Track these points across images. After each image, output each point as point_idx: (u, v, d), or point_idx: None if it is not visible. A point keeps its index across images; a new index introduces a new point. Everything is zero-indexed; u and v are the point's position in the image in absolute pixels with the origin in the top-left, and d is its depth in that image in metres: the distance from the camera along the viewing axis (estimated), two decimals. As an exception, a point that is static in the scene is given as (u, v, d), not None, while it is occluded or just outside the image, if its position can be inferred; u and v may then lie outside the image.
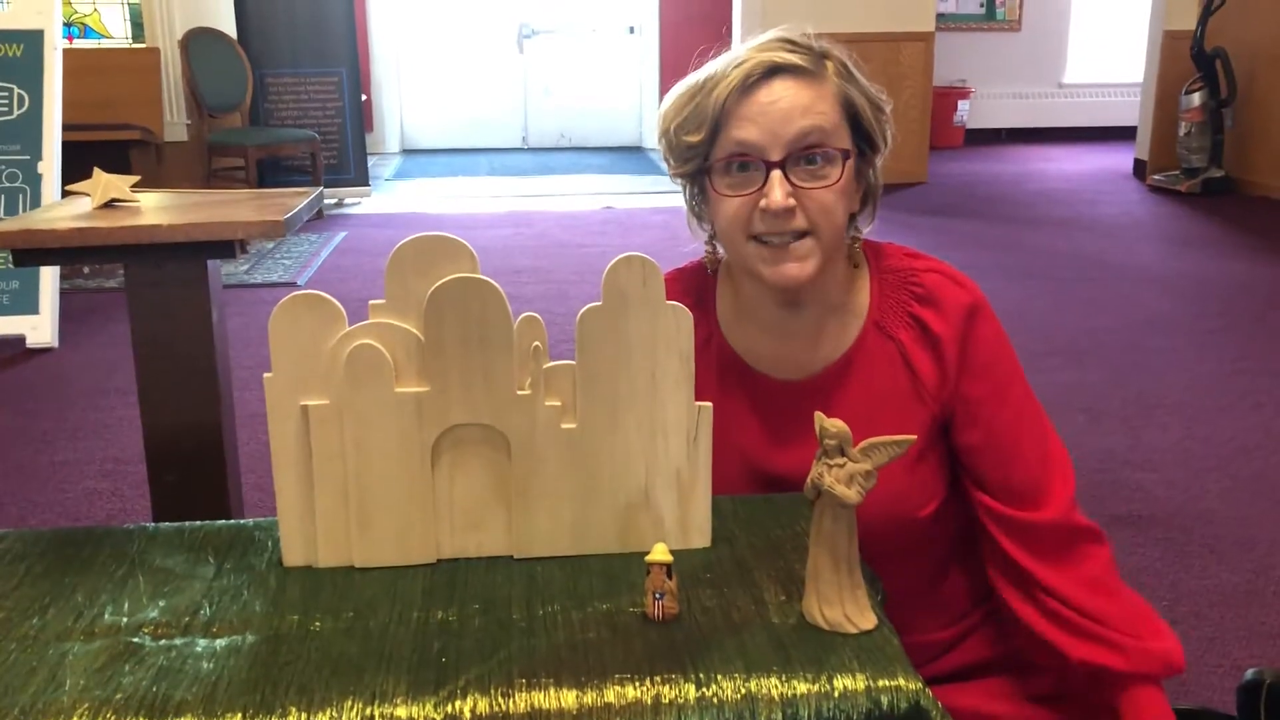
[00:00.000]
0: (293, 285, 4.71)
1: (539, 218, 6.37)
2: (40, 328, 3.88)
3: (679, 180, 1.23)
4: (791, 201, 1.12)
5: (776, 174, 1.11)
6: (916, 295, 1.22)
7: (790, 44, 1.15)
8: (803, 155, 1.12)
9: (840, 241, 1.19)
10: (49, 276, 3.91)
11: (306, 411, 1.01)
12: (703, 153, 1.16)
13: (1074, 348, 3.77)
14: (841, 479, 0.91)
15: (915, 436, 0.95)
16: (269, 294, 4.58)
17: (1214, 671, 1.90)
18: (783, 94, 1.12)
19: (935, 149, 8.30)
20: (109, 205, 1.40)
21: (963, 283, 1.22)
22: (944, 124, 9.05)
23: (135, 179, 1.44)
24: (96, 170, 1.41)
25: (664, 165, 1.24)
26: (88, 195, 1.42)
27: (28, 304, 3.88)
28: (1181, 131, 6.86)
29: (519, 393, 1.02)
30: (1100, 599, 1.16)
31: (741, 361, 1.27)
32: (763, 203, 1.12)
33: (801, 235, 1.14)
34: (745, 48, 1.15)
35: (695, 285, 1.29)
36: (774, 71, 1.13)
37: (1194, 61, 6.67)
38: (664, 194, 7.21)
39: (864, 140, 1.18)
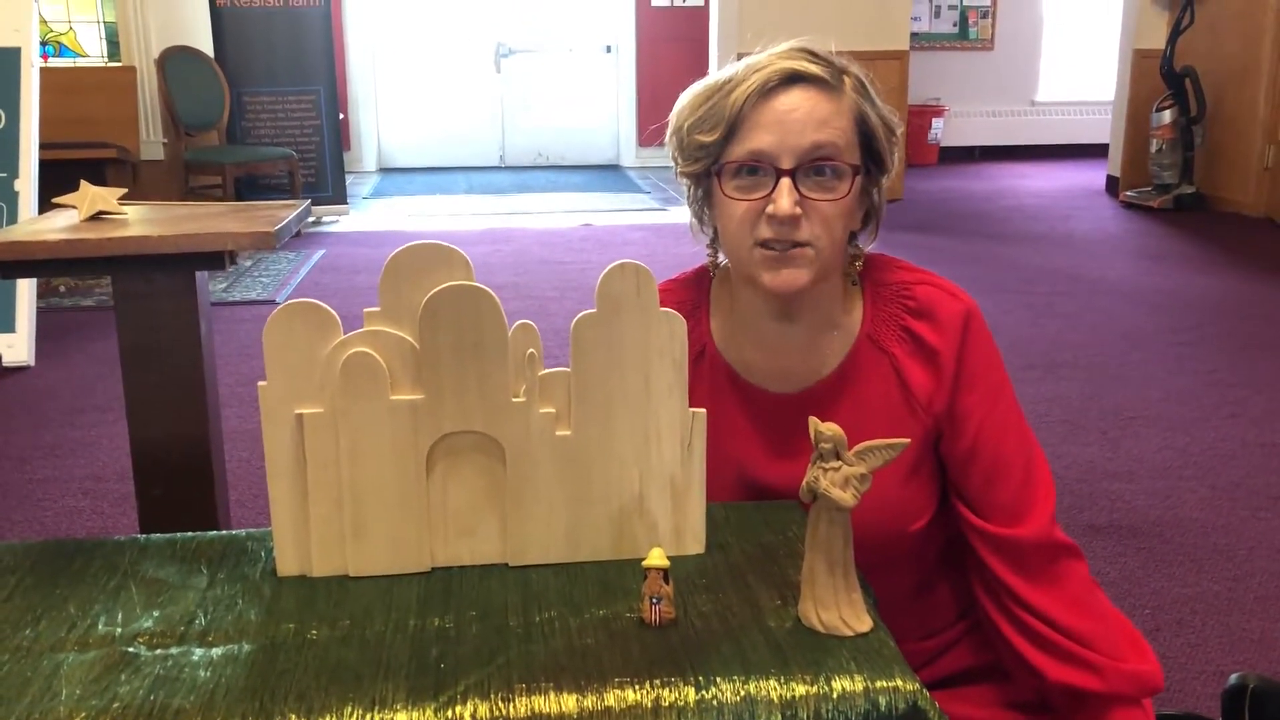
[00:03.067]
0: (272, 303, 4.69)
1: (517, 235, 6.37)
2: (16, 346, 3.84)
3: (684, 180, 1.23)
4: (798, 210, 1.12)
5: (786, 181, 1.12)
6: (909, 308, 1.23)
7: (812, 55, 1.15)
8: (813, 166, 1.13)
9: (838, 257, 1.19)
10: (25, 294, 3.88)
11: (301, 420, 1.01)
12: (714, 153, 1.16)
13: (1050, 361, 3.80)
14: (837, 482, 0.91)
15: (909, 440, 0.96)
16: (248, 311, 4.57)
17: (1197, 678, 1.92)
18: (800, 103, 1.13)
19: (910, 166, 8.39)
20: (96, 217, 1.40)
21: (956, 293, 1.23)
22: (918, 142, 9.13)
23: (122, 191, 1.44)
24: (83, 183, 1.41)
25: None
26: (74, 208, 1.42)
27: (4, 322, 3.85)
28: (1153, 148, 6.96)
29: (513, 400, 1.02)
30: (1081, 618, 1.17)
31: (735, 374, 1.27)
32: (769, 209, 1.12)
33: (802, 245, 1.14)
34: (767, 53, 1.16)
35: (689, 297, 1.29)
36: (794, 80, 1.13)
37: (1164, 79, 6.77)
38: (642, 212, 7.24)
39: (873, 160, 1.19)
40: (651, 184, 8.43)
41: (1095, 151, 8.77)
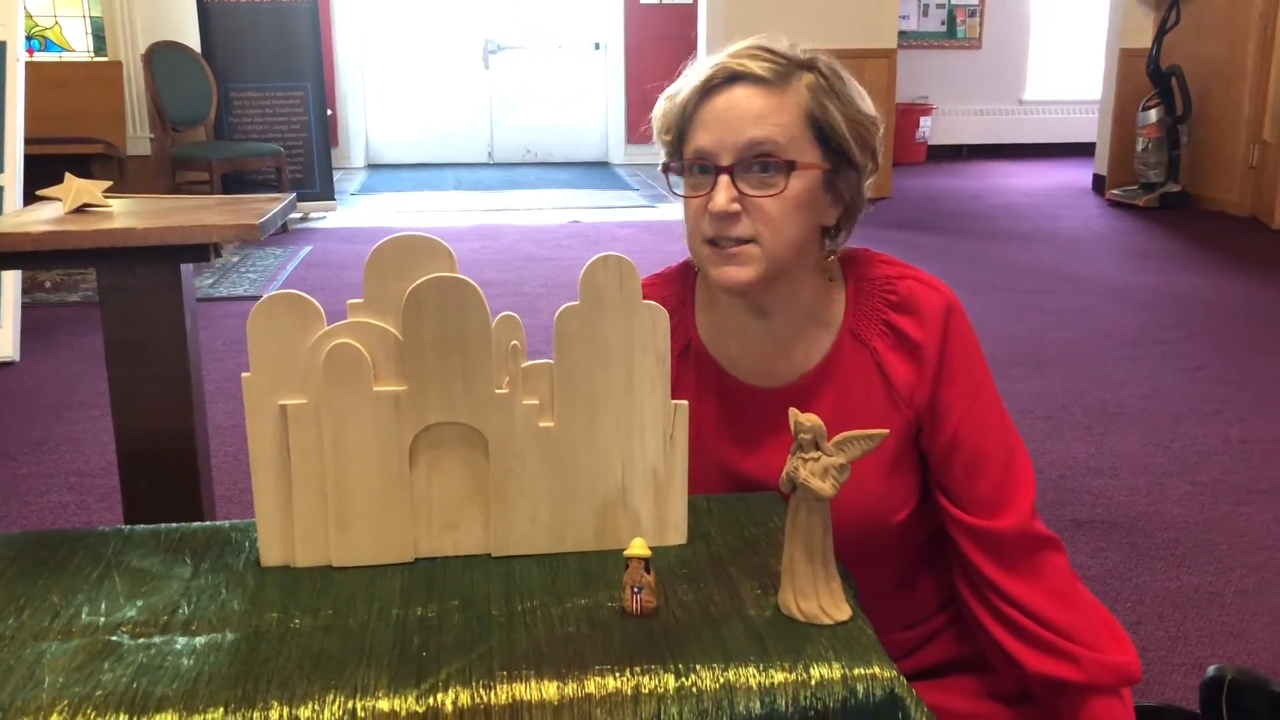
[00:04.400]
0: (258, 299, 4.68)
1: (506, 231, 6.38)
2: (2, 341, 3.83)
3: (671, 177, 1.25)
4: (735, 206, 1.13)
5: (723, 179, 1.13)
6: (891, 303, 1.24)
7: (765, 52, 1.16)
8: (754, 162, 1.14)
9: (793, 253, 1.18)
10: (10, 289, 3.87)
11: (285, 411, 1.01)
12: (674, 154, 1.20)
13: (1035, 358, 3.82)
14: (816, 472, 0.92)
15: (888, 430, 0.97)
16: (235, 307, 4.56)
17: (1177, 670, 1.93)
18: (738, 101, 1.14)
19: (898, 165, 8.41)
20: (81, 210, 1.40)
21: (937, 286, 1.24)
22: (906, 140, 9.15)
23: (107, 184, 1.44)
24: (68, 175, 1.41)
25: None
26: (59, 200, 1.42)
27: (-11, 317, 3.84)
28: (1139, 147, 6.99)
29: (497, 392, 1.03)
30: (1061, 609, 1.18)
31: (719, 369, 1.28)
32: (709, 205, 1.14)
33: (745, 242, 1.15)
34: (723, 54, 1.17)
35: (674, 292, 1.29)
36: (733, 79, 1.15)
37: (1150, 79, 6.80)
38: (630, 208, 7.24)
39: (837, 155, 1.18)
40: (640, 181, 8.44)
41: (1082, 150, 8.81)
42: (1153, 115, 6.84)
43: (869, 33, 6.82)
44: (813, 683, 0.86)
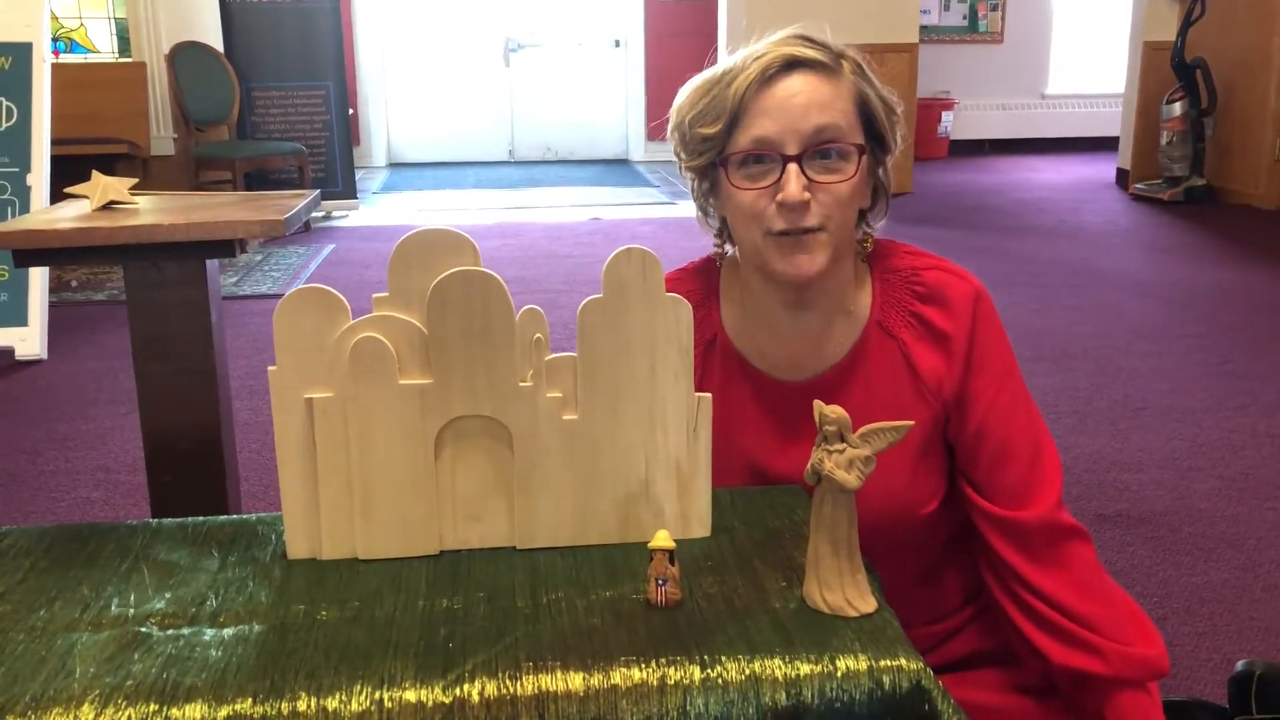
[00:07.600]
0: (282, 297, 4.71)
1: (526, 229, 6.39)
2: (29, 339, 3.87)
3: (689, 174, 1.24)
4: (807, 195, 1.12)
5: (793, 167, 1.12)
6: (918, 294, 1.23)
7: (809, 40, 1.16)
8: (818, 150, 1.13)
9: (850, 239, 1.21)
10: (38, 288, 3.90)
11: (311, 404, 1.02)
12: (718, 145, 1.16)
13: (1060, 353, 3.80)
14: (841, 464, 0.92)
15: (913, 422, 0.97)
16: (258, 305, 4.59)
17: (1205, 665, 1.92)
18: (801, 88, 1.13)
19: (920, 160, 8.37)
20: (108, 207, 1.41)
21: (964, 276, 1.24)
22: (928, 135, 9.11)
23: (133, 181, 1.45)
24: (95, 173, 1.42)
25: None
26: (86, 197, 1.43)
27: (16, 316, 3.87)
28: (1163, 141, 6.93)
29: (521, 384, 1.03)
30: (1087, 602, 1.17)
31: (746, 362, 1.28)
32: (779, 195, 1.13)
33: (814, 231, 1.15)
34: (764, 42, 1.17)
35: (699, 287, 1.29)
36: (792, 65, 1.14)
37: (1174, 72, 6.74)
38: (651, 205, 7.24)
39: (875, 140, 1.20)
40: (660, 178, 8.43)
41: (1105, 144, 8.75)
42: (1177, 108, 6.78)
43: (890, 27, 6.79)
44: (839, 674, 0.86)
